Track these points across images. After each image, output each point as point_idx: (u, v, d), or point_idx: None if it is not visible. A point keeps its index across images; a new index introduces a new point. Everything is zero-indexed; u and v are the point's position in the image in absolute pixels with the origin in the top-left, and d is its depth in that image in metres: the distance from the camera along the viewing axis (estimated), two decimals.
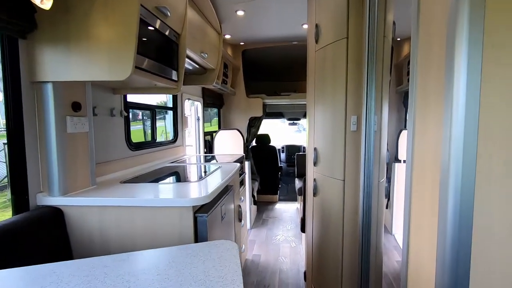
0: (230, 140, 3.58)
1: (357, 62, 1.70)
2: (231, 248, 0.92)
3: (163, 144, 2.51)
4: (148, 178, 1.74)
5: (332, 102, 1.83)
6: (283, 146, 6.40)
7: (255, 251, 3.05)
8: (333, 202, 1.86)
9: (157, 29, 1.51)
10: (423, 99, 0.96)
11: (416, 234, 1.00)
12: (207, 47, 2.42)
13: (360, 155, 1.69)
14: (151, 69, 1.48)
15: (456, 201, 0.78)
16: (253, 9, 2.61)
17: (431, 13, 0.91)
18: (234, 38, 3.64)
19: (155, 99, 2.69)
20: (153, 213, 1.28)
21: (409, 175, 1.03)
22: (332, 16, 1.81)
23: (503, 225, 0.76)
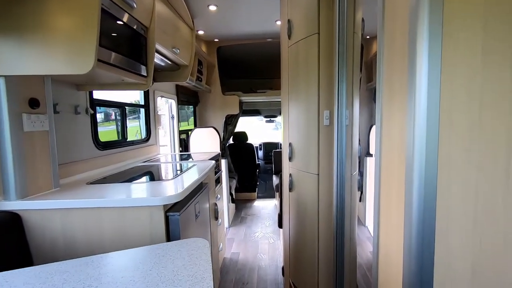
0: (206, 138, 3.53)
1: (328, 58, 1.73)
2: (202, 246, 0.89)
3: (134, 143, 2.41)
4: (117, 178, 1.66)
5: (306, 97, 1.84)
6: (261, 143, 6.42)
7: (233, 249, 3.03)
8: (308, 196, 1.88)
9: (122, 21, 1.44)
10: (389, 93, 0.98)
11: (385, 224, 1.02)
12: (179, 42, 2.35)
13: (333, 149, 1.72)
14: (118, 63, 1.41)
15: (421, 190, 0.81)
16: (226, 4, 2.58)
17: (395, 9, 0.94)
18: (208, 34, 3.58)
19: (129, 97, 2.58)
20: (122, 214, 1.22)
21: (377, 168, 1.06)
22: (303, 12, 1.83)
23: (462, 211, 0.80)
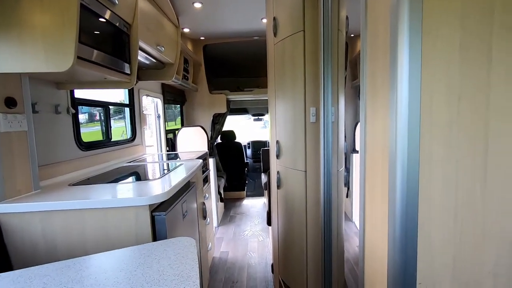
0: (194, 138, 3.49)
1: (314, 55, 1.74)
2: (188, 245, 0.88)
3: (119, 143, 2.36)
4: (101, 179, 1.62)
5: (292, 95, 1.85)
6: (249, 142, 6.41)
7: (222, 249, 3.02)
8: (296, 193, 1.89)
9: (104, 18, 1.40)
10: (372, 89, 1.00)
11: (370, 219, 1.04)
12: (164, 40, 2.32)
13: (320, 146, 1.73)
14: (99, 61, 1.37)
15: (403, 185, 0.82)
16: (211, 1, 2.55)
17: (376, 7, 0.95)
18: (193, 32, 3.54)
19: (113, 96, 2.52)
20: (105, 215, 1.19)
21: (362, 164, 1.08)
22: (289, 9, 1.83)
23: (443, 205, 0.82)
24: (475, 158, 0.80)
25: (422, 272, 0.83)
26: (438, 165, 0.81)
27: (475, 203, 0.82)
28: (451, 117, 0.80)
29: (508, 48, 0.77)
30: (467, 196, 0.82)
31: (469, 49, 0.78)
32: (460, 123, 0.80)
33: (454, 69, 0.79)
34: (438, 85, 0.79)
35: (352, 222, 3.59)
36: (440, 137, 0.81)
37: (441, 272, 0.84)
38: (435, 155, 0.81)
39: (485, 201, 0.81)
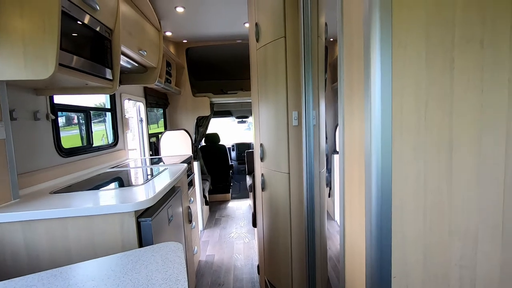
0: (178, 141, 3.48)
1: (295, 61, 1.80)
2: (175, 249, 0.91)
3: (101, 148, 2.32)
4: (83, 186, 1.60)
5: (275, 99, 1.90)
6: (233, 144, 6.43)
7: (208, 252, 3.02)
8: (280, 195, 1.94)
9: (85, 23, 1.39)
10: (349, 95, 1.06)
11: (350, 217, 1.10)
12: (146, 44, 2.31)
13: (302, 148, 1.79)
14: (80, 67, 1.36)
15: (378, 185, 0.88)
16: (193, 6, 2.57)
17: (351, 16, 1.01)
18: (176, 35, 3.53)
19: (93, 101, 2.47)
20: (90, 223, 1.18)
21: (341, 164, 1.14)
22: (270, 16, 1.88)
23: (414, 203, 0.89)
24: (441, 160, 0.88)
25: (396, 267, 0.90)
26: (408, 166, 0.88)
27: (442, 202, 0.89)
28: (419, 121, 0.87)
29: (467, 58, 0.85)
30: (435, 195, 0.89)
31: (434, 59, 0.85)
32: (427, 127, 0.87)
33: (421, 77, 0.86)
34: (407, 92, 0.86)
35: (334, 221, 3.70)
36: (409, 140, 0.87)
37: (413, 266, 0.90)
38: (405, 157, 0.88)
39: (450, 200, 0.89)
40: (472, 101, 0.87)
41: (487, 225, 0.91)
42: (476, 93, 0.86)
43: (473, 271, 0.91)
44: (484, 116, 0.87)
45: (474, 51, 0.84)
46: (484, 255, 0.91)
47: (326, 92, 3.92)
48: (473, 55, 0.84)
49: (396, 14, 0.83)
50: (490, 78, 0.86)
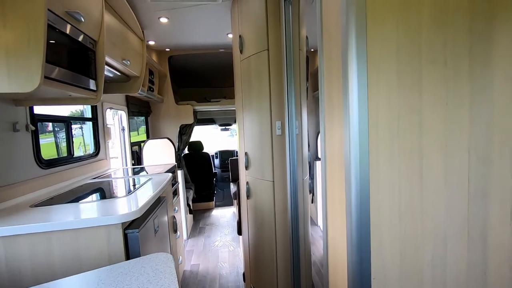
0: (161, 150, 3.45)
1: (278, 72, 1.87)
2: (165, 260, 0.92)
3: (82, 158, 2.28)
4: (66, 198, 1.57)
5: (259, 109, 1.96)
6: (217, 152, 6.42)
7: (193, 261, 3.00)
8: (265, 202, 1.99)
9: (69, 35, 1.39)
10: (329, 105, 1.13)
11: (332, 222, 1.16)
12: (129, 53, 2.31)
13: (286, 157, 1.86)
14: (63, 78, 1.35)
15: (357, 190, 0.95)
16: (177, 17, 2.60)
17: (330, 33, 1.09)
18: (158, 44, 3.53)
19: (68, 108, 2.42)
20: (75, 237, 1.17)
21: (323, 171, 1.20)
22: (253, 29, 1.95)
23: (389, 207, 0.96)
24: (413, 169, 0.96)
25: (375, 268, 0.96)
26: (384, 174, 0.96)
27: (414, 206, 0.97)
28: (392, 133, 0.95)
29: (433, 77, 0.95)
30: (408, 200, 0.97)
31: (404, 77, 0.94)
32: (400, 138, 0.95)
33: (393, 94, 0.94)
34: (381, 107, 0.94)
35: (317, 226, 3.78)
36: (384, 149, 0.95)
37: (391, 267, 0.97)
38: (381, 166, 0.95)
39: (422, 205, 0.97)
40: (438, 114, 0.96)
41: (454, 227, 0.99)
42: (442, 107, 0.96)
43: (443, 270, 1.00)
44: (449, 128, 0.97)
45: (438, 70, 0.94)
46: (452, 255, 1.00)
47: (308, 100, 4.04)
48: (438, 74, 0.94)
49: (370, 35, 0.92)
50: (453, 94, 0.96)
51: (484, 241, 1.02)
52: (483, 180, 1.00)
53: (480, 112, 0.98)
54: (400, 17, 0.92)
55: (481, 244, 1.02)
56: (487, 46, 0.96)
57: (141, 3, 2.28)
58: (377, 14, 0.91)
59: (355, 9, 0.90)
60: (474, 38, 0.95)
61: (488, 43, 0.96)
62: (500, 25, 0.96)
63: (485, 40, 0.95)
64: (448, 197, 0.99)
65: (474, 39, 0.95)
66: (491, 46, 0.96)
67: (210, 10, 2.48)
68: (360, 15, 0.90)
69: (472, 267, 1.01)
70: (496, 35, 0.96)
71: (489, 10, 0.95)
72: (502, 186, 1.01)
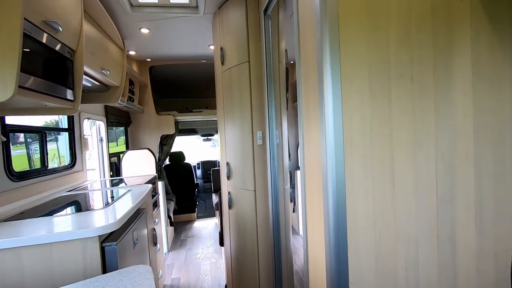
0: (140, 161, 3.38)
1: (259, 84, 1.92)
2: (144, 272, 0.91)
3: (57, 170, 2.19)
4: (38, 212, 1.51)
5: (240, 120, 1.99)
6: (199, 162, 6.36)
7: (174, 275, 2.92)
8: (247, 212, 1.99)
9: (46, 44, 1.37)
10: (307, 115, 1.18)
11: (312, 230, 1.19)
12: (109, 63, 2.28)
13: (267, 166, 1.88)
14: (38, 88, 1.32)
15: (334, 199, 0.99)
16: (158, 28, 2.61)
17: (306, 50, 1.14)
18: (139, 54, 3.51)
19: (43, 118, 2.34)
20: (47, 252, 1.12)
21: (302, 180, 1.24)
22: (235, 41, 2.00)
23: (364, 213, 1.01)
24: (385, 176, 1.02)
25: (353, 273, 1.00)
26: (359, 182, 1.00)
27: (387, 212, 1.02)
28: (365, 144, 1.00)
29: (401, 90, 1.02)
30: (382, 206, 1.02)
31: (375, 91, 1.00)
32: (372, 148, 1.01)
33: (366, 107, 1.00)
34: (355, 119, 1.00)
35: (299, 235, 3.80)
36: (358, 159, 1.00)
37: (367, 271, 1.01)
38: (356, 174, 1.00)
39: (394, 210, 1.02)
40: (407, 125, 1.03)
41: (425, 231, 1.05)
42: (410, 119, 1.03)
43: (416, 272, 1.05)
44: (417, 138, 1.03)
45: (406, 85, 1.01)
46: (424, 257, 1.05)
47: (288, 111, 4.12)
48: (405, 88, 1.01)
49: (343, 51, 0.98)
50: (419, 106, 1.03)
51: (452, 244, 1.08)
52: (450, 186, 1.07)
53: (444, 123, 1.05)
54: (370, 36, 0.99)
55: (449, 247, 1.08)
56: (448, 62, 1.04)
57: (122, 14, 2.28)
58: (349, 32, 0.97)
59: (329, 27, 0.95)
60: (437, 55, 1.03)
61: (449, 59, 1.04)
62: (458, 42, 1.05)
63: (446, 56, 1.04)
64: (418, 203, 1.04)
65: (437, 56, 1.03)
66: (451, 62, 1.05)
67: (191, 22, 2.51)
68: (333, 33, 0.96)
69: (443, 268, 1.07)
70: (455, 52, 1.05)
71: (447, 29, 1.04)
72: (466, 191, 1.08)
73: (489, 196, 1.11)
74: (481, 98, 1.08)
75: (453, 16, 1.05)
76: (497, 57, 1.09)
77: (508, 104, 1.12)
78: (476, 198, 1.10)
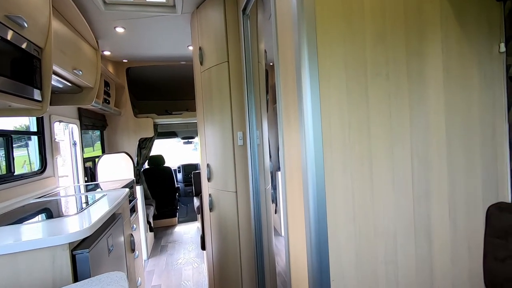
0: (117, 165, 3.25)
1: (238, 84, 1.90)
2: (118, 279, 0.86)
3: (25, 176, 2.06)
4: (3, 220, 1.40)
5: (220, 120, 1.96)
6: (179, 165, 6.23)
7: (154, 282, 2.82)
8: (228, 214, 1.96)
9: (9, 41, 1.28)
10: (286, 116, 1.17)
11: (293, 229, 1.18)
12: (81, 63, 2.18)
13: (248, 167, 1.87)
14: (1, 87, 1.23)
15: (314, 197, 0.98)
16: (134, 27, 2.54)
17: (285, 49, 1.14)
18: (115, 55, 3.40)
19: (12, 123, 2.20)
20: (12, 262, 1.04)
21: (283, 179, 1.23)
22: (213, 41, 1.97)
23: (344, 210, 1.01)
24: (364, 173, 1.03)
25: (333, 270, 1.00)
26: (338, 179, 1.01)
27: (366, 207, 1.03)
28: (344, 140, 1.01)
29: (377, 88, 1.04)
30: (361, 202, 1.03)
31: (352, 89, 1.02)
32: (351, 145, 1.02)
33: (344, 105, 1.01)
34: (333, 117, 1.00)
35: (281, 236, 3.80)
36: (338, 156, 1.01)
37: (348, 267, 1.01)
38: (335, 171, 1.00)
39: (373, 205, 1.04)
40: (384, 123, 1.05)
41: (403, 225, 1.07)
42: (386, 116, 1.05)
43: (395, 265, 1.06)
44: (393, 135, 1.06)
45: (382, 83, 1.03)
46: (402, 251, 1.07)
47: (268, 112, 4.14)
48: (381, 86, 1.03)
49: (321, 52, 0.98)
50: (395, 104, 1.05)
51: (428, 238, 1.11)
52: (425, 182, 1.10)
53: (418, 122, 1.09)
54: (346, 36, 1.01)
55: (426, 241, 1.11)
56: (421, 62, 1.08)
57: (95, 12, 2.19)
58: (326, 32, 0.98)
59: (306, 28, 0.96)
60: (410, 54, 1.06)
61: (421, 60, 1.08)
62: (429, 43, 1.09)
63: (419, 55, 1.08)
64: (396, 198, 1.06)
65: (410, 55, 1.06)
66: (424, 62, 1.08)
67: (169, 22, 2.46)
68: (311, 34, 0.96)
69: (420, 261, 1.09)
70: (427, 50, 1.09)
71: (419, 31, 1.08)
72: (440, 186, 1.12)
73: (462, 191, 1.15)
74: (452, 97, 1.13)
75: (425, 19, 1.09)
76: (465, 58, 1.14)
77: (476, 103, 1.17)
78: (449, 192, 1.13)
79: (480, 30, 1.15)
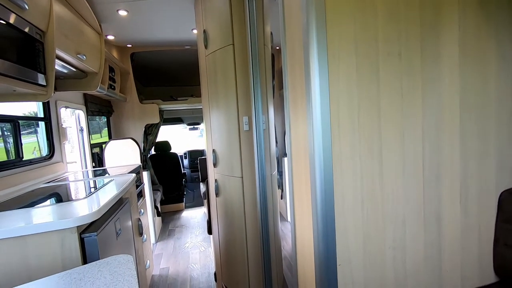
0: (124, 151, 3.28)
1: (244, 67, 1.85)
2: (125, 262, 0.87)
3: (33, 162, 2.08)
4: (12, 205, 1.42)
5: (225, 105, 1.93)
6: (186, 152, 6.27)
7: (162, 265, 2.89)
8: (234, 199, 1.96)
9: (10, 23, 1.26)
10: (293, 100, 1.14)
11: (299, 214, 1.17)
12: (85, 48, 2.15)
13: (254, 152, 1.85)
14: (6, 71, 1.22)
15: (321, 180, 0.96)
16: (138, 9, 2.48)
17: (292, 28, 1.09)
18: (119, 39, 3.35)
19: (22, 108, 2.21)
20: (23, 245, 1.06)
21: (289, 163, 1.21)
22: (218, 24, 1.91)
23: (352, 193, 0.99)
24: (373, 157, 1.00)
25: (340, 255, 0.99)
26: (346, 162, 0.98)
27: (375, 192, 1.01)
28: (353, 123, 0.97)
29: (389, 69, 0.99)
30: (370, 187, 1.00)
31: (363, 69, 0.97)
32: (360, 128, 0.98)
33: (353, 86, 0.97)
34: (342, 99, 0.96)
35: (287, 221, 3.83)
36: (346, 139, 0.98)
37: (355, 252, 1.00)
38: (344, 155, 0.98)
39: (382, 190, 1.01)
40: (395, 105, 1.00)
41: (412, 211, 1.05)
42: (398, 98, 1.01)
43: (403, 251, 1.05)
44: (405, 117, 1.02)
45: (394, 62, 0.98)
46: (411, 237, 1.06)
47: (275, 98, 4.08)
48: (393, 66, 0.98)
49: (330, 31, 0.93)
50: (407, 85, 1.01)
51: (438, 222, 1.09)
52: (436, 166, 1.07)
53: (431, 103, 1.04)
54: (357, 13, 0.95)
55: (435, 225, 1.08)
56: (435, 39, 1.02)
57: None
58: (336, 10, 0.93)
59: (315, 6, 0.91)
60: (424, 30, 1.01)
61: (436, 35, 1.02)
62: (445, 18, 1.02)
63: (434, 32, 1.02)
64: (406, 182, 1.04)
65: (424, 31, 1.01)
66: (439, 38, 1.02)
67: (173, 4, 2.40)
68: (320, 12, 0.91)
69: (429, 246, 1.08)
70: (443, 27, 1.03)
71: (435, 4, 1.01)
72: (452, 170, 1.08)
73: (474, 175, 1.12)
74: (467, 77, 1.07)
75: None
76: (482, 34, 1.08)
77: (492, 83, 1.11)
78: (461, 177, 1.10)
79: (499, 6, 1.08)
